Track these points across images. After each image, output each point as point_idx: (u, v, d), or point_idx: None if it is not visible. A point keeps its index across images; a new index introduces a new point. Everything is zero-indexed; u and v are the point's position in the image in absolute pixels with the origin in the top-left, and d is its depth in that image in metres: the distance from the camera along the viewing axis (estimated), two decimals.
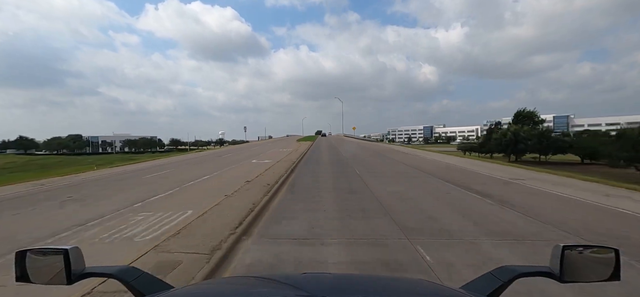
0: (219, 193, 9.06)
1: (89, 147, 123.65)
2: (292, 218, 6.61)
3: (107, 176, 16.02)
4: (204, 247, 4.66)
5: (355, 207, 7.39)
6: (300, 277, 1.05)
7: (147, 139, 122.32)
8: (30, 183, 13.68)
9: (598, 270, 1.02)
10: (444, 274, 3.91)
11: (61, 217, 7.19)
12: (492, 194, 9.03)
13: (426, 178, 12.31)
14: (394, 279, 1.25)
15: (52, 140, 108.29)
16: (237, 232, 5.40)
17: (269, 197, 8.33)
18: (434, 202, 8.03)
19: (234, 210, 6.89)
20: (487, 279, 1.07)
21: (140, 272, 1.07)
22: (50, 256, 1.01)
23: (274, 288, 0.97)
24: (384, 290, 1.01)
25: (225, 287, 1.11)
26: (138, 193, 9.94)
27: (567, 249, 1.00)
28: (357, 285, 1.12)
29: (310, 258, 4.47)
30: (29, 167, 44.24)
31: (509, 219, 6.38)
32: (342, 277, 1.32)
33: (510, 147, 38.45)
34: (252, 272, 4.01)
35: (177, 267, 4.00)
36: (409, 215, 6.70)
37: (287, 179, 11.99)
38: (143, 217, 6.87)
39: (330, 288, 0.98)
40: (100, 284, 3.46)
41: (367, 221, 6.29)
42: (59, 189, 11.76)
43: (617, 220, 6.50)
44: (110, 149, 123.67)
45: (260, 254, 4.67)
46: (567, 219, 6.44)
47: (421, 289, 1.08)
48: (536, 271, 1.06)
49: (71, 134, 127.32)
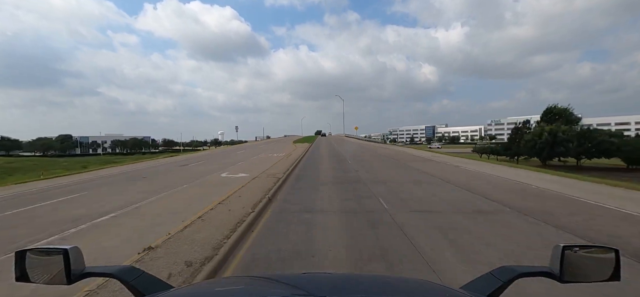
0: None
1: (79, 148, 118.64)
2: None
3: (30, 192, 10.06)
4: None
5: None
6: (300, 277, 1.04)
7: (138, 139, 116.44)
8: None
9: (598, 270, 1.00)
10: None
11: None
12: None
13: (541, 229, 6.26)
14: (394, 279, 1.22)
15: (37, 141, 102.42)
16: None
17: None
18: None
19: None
20: (487, 279, 1.05)
21: (140, 272, 1.05)
22: (50, 255, 1.00)
23: (274, 288, 0.96)
24: (384, 290, 1.00)
25: (225, 287, 1.10)
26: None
27: (567, 250, 0.98)
28: (357, 285, 1.10)
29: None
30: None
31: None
32: (342, 277, 1.27)
33: (545, 149, 32.24)
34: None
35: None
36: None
37: (243, 239, 6.02)
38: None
39: (331, 288, 0.97)
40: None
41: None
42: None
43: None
44: (100, 150, 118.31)
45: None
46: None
47: (421, 289, 1.08)
48: (536, 271, 1.04)
49: (62, 134, 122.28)
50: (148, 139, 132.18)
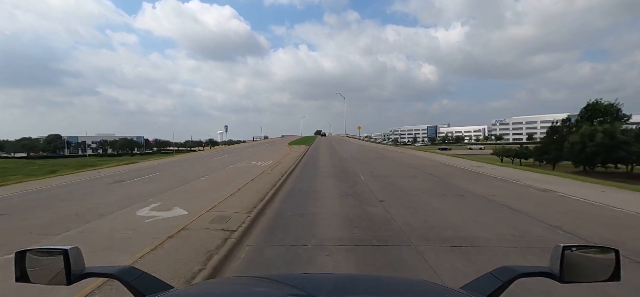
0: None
1: (67, 149, 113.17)
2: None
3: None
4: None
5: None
6: (300, 278, 1.04)
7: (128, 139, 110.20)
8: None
9: (598, 270, 0.97)
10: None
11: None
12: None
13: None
14: (394, 279, 1.19)
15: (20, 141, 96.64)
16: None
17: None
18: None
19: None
20: (487, 279, 1.03)
21: (140, 272, 1.04)
22: (50, 256, 0.99)
23: (274, 288, 0.96)
24: (384, 290, 0.99)
25: (225, 288, 1.10)
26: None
27: (567, 249, 0.96)
28: (358, 285, 1.10)
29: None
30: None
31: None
32: (342, 278, 1.29)
33: (600, 154, 25.95)
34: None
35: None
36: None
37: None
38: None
39: (331, 288, 0.96)
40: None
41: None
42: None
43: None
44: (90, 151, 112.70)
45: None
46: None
47: (421, 289, 1.08)
48: (536, 271, 1.02)
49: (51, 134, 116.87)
50: (141, 139, 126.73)
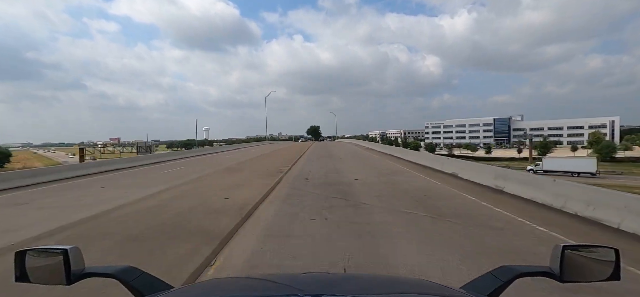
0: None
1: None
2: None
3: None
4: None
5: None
6: (299, 278, 1.02)
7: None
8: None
9: (598, 270, 0.98)
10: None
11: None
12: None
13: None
14: (394, 279, 1.19)
15: None
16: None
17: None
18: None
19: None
20: (487, 279, 1.02)
21: (140, 272, 1.02)
22: (50, 255, 0.97)
23: (274, 288, 0.95)
24: (383, 290, 0.99)
25: (224, 288, 1.08)
26: None
27: (567, 249, 0.95)
28: (355, 285, 1.06)
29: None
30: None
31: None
32: (340, 277, 1.26)
33: None
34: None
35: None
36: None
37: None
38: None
39: (330, 288, 0.94)
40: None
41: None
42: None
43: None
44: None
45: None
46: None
47: (421, 289, 1.06)
48: (536, 271, 1.02)
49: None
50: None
